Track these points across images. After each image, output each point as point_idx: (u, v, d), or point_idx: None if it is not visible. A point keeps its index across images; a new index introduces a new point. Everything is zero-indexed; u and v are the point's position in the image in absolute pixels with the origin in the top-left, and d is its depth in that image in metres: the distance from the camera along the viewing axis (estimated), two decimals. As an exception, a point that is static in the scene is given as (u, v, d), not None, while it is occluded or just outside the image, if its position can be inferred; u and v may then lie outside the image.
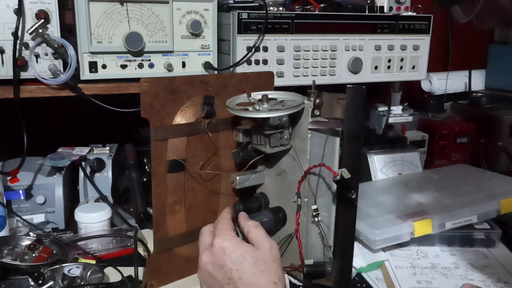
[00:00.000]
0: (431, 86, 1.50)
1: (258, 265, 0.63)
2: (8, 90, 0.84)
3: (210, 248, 0.66)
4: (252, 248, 0.65)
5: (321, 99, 0.73)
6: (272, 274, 0.63)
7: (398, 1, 1.12)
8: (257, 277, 0.62)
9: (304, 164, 0.75)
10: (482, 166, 1.30)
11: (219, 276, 0.64)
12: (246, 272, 0.63)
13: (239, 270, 0.63)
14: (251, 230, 0.68)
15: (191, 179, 0.80)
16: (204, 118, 0.78)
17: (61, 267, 0.75)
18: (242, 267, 0.63)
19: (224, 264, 0.63)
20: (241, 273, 0.62)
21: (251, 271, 0.63)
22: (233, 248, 0.64)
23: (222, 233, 0.67)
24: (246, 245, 0.66)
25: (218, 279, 0.64)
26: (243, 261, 0.63)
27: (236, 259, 0.63)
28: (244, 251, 0.64)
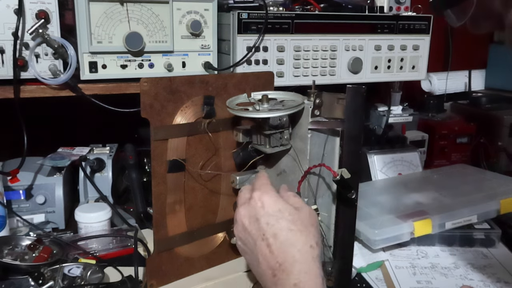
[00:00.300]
0: (431, 86, 1.50)
1: (295, 224, 0.60)
2: (8, 90, 0.84)
3: (248, 202, 0.63)
4: (292, 207, 0.62)
5: (321, 99, 0.73)
6: (310, 236, 0.60)
7: (398, 1, 1.12)
8: (293, 236, 0.59)
9: (304, 164, 0.75)
10: (482, 166, 1.30)
11: (253, 230, 0.61)
12: (282, 228, 0.59)
13: (275, 226, 0.59)
14: (291, 198, 0.65)
15: (191, 179, 0.80)
16: (204, 118, 0.79)
17: (61, 267, 0.75)
18: (278, 223, 0.59)
19: (260, 218, 0.60)
20: (277, 229, 0.59)
21: (287, 227, 0.59)
22: (272, 202, 0.61)
23: (263, 187, 0.64)
24: (286, 202, 0.63)
25: (252, 233, 0.61)
26: (280, 217, 0.60)
27: (274, 213, 0.60)
28: (283, 207, 0.61)
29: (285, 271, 0.57)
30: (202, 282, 0.81)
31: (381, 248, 0.91)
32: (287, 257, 0.57)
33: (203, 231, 0.84)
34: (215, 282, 0.81)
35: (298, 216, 0.61)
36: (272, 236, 0.59)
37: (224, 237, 0.86)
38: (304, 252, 0.58)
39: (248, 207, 0.63)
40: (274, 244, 0.58)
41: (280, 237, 0.59)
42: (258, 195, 0.63)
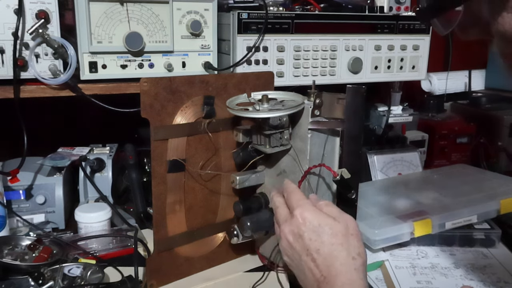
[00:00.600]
0: (431, 86, 1.50)
1: (337, 237, 0.63)
2: (8, 90, 0.84)
3: (290, 219, 0.66)
4: (331, 220, 0.65)
5: (321, 99, 0.74)
6: (350, 248, 0.62)
7: (398, 1, 1.12)
8: (335, 250, 0.62)
9: (304, 164, 0.75)
10: (482, 166, 1.30)
11: (298, 247, 0.64)
12: (324, 243, 0.62)
13: (317, 241, 0.62)
14: (324, 208, 0.67)
15: (191, 179, 0.80)
16: (204, 118, 0.79)
17: (61, 267, 0.75)
18: (320, 238, 0.63)
19: (303, 235, 0.63)
20: (319, 244, 0.62)
21: (329, 242, 0.62)
22: (313, 218, 0.64)
23: (302, 203, 0.67)
24: (326, 216, 0.65)
25: (297, 249, 0.64)
26: (322, 232, 0.63)
27: (315, 229, 0.63)
28: (323, 221, 0.64)
29: (329, 283, 0.60)
30: (202, 282, 0.81)
31: (381, 248, 0.90)
32: (331, 270, 0.61)
33: (203, 231, 0.84)
34: (215, 282, 0.81)
35: (337, 228, 0.64)
36: (316, 251, 0.62)
37: (224, 237, 0.86)
38: (347, 264, 0.61)
39: (291, 225, 0.66)
40: (318, 258, 0.62)
41: (323, 253, 0.62)
42: (299, 212, 0.65)
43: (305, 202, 0.67)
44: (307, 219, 0.64)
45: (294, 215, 0.66)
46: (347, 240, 0.63)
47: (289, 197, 0.70)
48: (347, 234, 0.64)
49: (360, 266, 0.62)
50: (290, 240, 0.65)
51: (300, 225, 0.65)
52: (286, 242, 0.66)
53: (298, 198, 0.68)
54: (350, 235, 0.64)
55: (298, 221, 0.65)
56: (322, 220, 0.64)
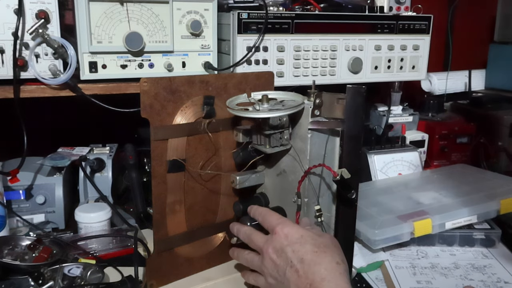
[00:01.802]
0: (431, 86, 1.50)
1: (319, 246, 0.63)
2: (8, 90, 0.84)
3: (271, 237, 0.67)
4: (313, 233, 0.66)
5: (321, 99, 0.73)
6: (334, 255, 0.63)
7: (398, 1, 1.12)
8: (318, 256, 0.62)
9: (304, 164, 0.75)
10: (482, 166, 1.29)
11: (281, 263, 0.64)
12: (307, 251, 0.62)
13: (300, 251, 0.62)
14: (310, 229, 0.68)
15: (191, 179, 0.80)
16: (204, 118, 0.79)
17: (61, 267, 0.75)
18: (303, 247, 0.63)
19: (285, 249, 0.64)
20: (302, 253, 0.62)
21: (311, 250, 0.62)
22: (294, 231, 0.65)
23: (281, 220, 0.68)
24: (307, 229, 0.66)
25: (281, 266, 0.64)
26: (304, 243, 0.63)
27: (297, 240, 0.64)
28: (304, 233, 0.65)
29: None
30: (202, 282, 0.81)
31: (381, 248, 0.90)
32: (315, 277, 0.60)
33: (203, 231, 0.84)
34: (215, 282, 0.81)
35: (320, 240, 0.65)
36: (299, 261, 0.62)
37: (224, 237, 0.86)
38: (331, 269, 0.61)
39: (272, 242, 0.66)
40: (301, 268, 0.62)
41: (306, 260, 0.62)
42: (280, 228, 0.66)
43: (284, 219, 0.69)
44: (289, 233, 0.65)
45: (276, 231, 0.66)
46: (330, 249, 0.64)
47: (265, 219, 0.71)
48: (329, 245, 0.65)
49: (344, 271, 0.62)
50: (273, 258, 0.65)
51: (282, 240, 0.65)
52: (270, 262, 0.66)
53: (276, 217, 0.70)
54: (332, 246, 0.65)
55: (279, 237, 0.65)
56: (303, 232, 0.65)
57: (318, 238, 0.65)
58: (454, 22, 1.70)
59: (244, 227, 0.75)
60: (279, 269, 0.64)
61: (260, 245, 0.69)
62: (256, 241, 0.70)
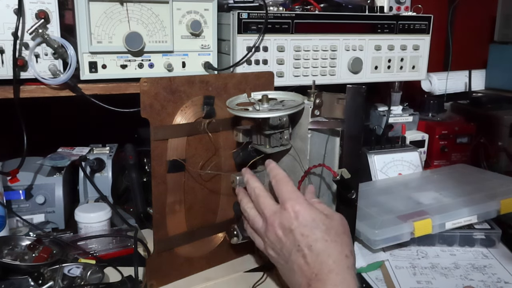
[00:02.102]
0: (431, 86, 1.50)
1: (330, 234, 0.60)
2: (8, 90, 0.84)
3: (280, 211, 0.63)
4: (324, 216, 0.62)
5: (321, 99, 0.73)
6: (344, 246, 0.60)
7: (398, 1, 1.12)
8: (328, 246, 0.59)
9: (304, 164, 0.75)
10: (482, 166, 1.29)
11: (288, 242, 0.61)
12: (317, 239, 0.59)
13: (310, 237, 0.60)
14: (316, 204, 0.65)
15: (191, 179, 0.80)
16: (204, 118, 0.78)
17: (61, 267, 0.75)
18: (313, 233, 0.60)
19: (295, 229, 0.60)
20: (312, 240, 0.59)
21: (322, 238, 0.60)
22: (306, 213, 0.61)
23: (294, 196, 0.63)
24: (319, 212, 0.63)
25: (287, 245, 0.61)
26: (315, 227, 0.60)
27: (308, 224, 0.60)
28: (317, 216, 0.61)
29: (321, 281, 0.58)
30: (202, 282, 0.81)
31: (381, 248, 0.90)
32: (323, 267, 0.58)
33: (203, 231, 0.84)
34: (215, 282, 0.81)
35: (331, 225, 0.62)
36: (307, 247, 0.59)
37: (224, 237, 0.86)
38: (339, 262, 0.59)
39: (280, 217, 0.63)
40: (309, 255, 0.59)
41: (315, 249, 0.59)
42: (291, 204, 0.62)
43: (298, 195, 0.64)
44: (300, 213, 0.61)
45: (286, 207, 0.62)
46: (340, 238, 0.61)
47: (278, 186, 0.66)
48: (340, 232, 0.62)
49: (352, 265, 0.60)
50: (279, 235, 0.62)
51: (291, 219, 0.61)
52: (274, 235, 0.63)
53: (290, 190, 0.65)
54: (342, 233, 0.62)
55: (289, 214, 0.62)
56: (315, 215, 0.62)
57: (329, 222, 0.61)
58: (454, 22, 1.70)
59: (255, 182, 0.70)
60: (283, 247, 0.62)
61: (267, 214, 0.65)
62: (263, 206, 0.66)
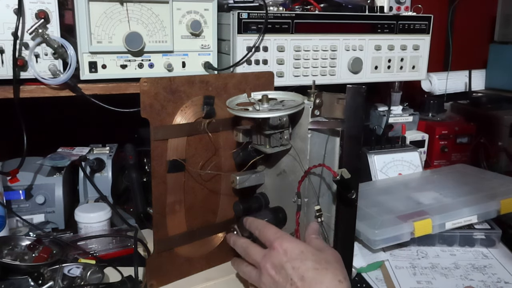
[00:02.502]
0: (431, 86, 1.50)
1: (320, 262, 0.61)
2: (8, 90, 0.84)
3: (269, 252, 0.64)
4: (313, 248, 0.64)
5: (321, 99, 0.73)
6: (336, 272, 0.60)
7: (398, 1, 1.12)
8: (319, 274, 0.59)
9: (304, 164, 0.75)
10: (482, 166, 1.29)
11: (281, 279, 0.62)
12: (308, 269, 0.60)
13: (300, 268, 0.60)
14: (313, 241, 0.67)
15: (191, 179, 0.80)
16: (204, 118, 0.78)
17: (61, 267, 0.75)
18: (304, 264, 0.61)
19: (285, 264, 0.61)
20: (303, 271, 0.60)
21: (312, 267, 0.60)
22: (293, 246, 0.63)
23: (279, 235, 0.65)
24: (307, 244, 0.64)
25: (280, 282, 0.62)
26: (304, 259, 0.61)
27: (298, 256, 0.61)
28: (305, 248, 0.63)
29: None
30: (202, 282, 0.81)
31: (381, 248, 0.90)
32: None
33: (203, 231, 0.84)
34: (215, 282, 0.81)
35: (321, 255, 0.63)
36: (300, 279, 0.60)
37: (224, 237, 0.86)
38: None
39: (271, 257, 0.64)
40: (302, 286, 0.60)
41: (307, 278, 0.60)
42: (279, 243, 0.64)
43: (283, 233, 0.67)
44: (288, 248, 0.63)
45: (274, 247, 0.64)
46: (332, 266, 0.61)
47: (263, 232, 0.68)
48: (331, 261, 0.62)
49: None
50: (272, 275, 0.63)
51: (281, 255, 0.63)
52: (268, 278, 0.64)
53: (274, 231, 0.67)
54: (334, 262, 0.63)
55: (278, 253, 0.63)
56: (303, 248, 0.63)
57: (319, 253, 0.63)
58: (454, 22, 1.70)
59: (240, 239, 0.73)
60: (278, 286, 0.62)
61: (258, 260, 0.67)
62: (253, 255, 0.68)
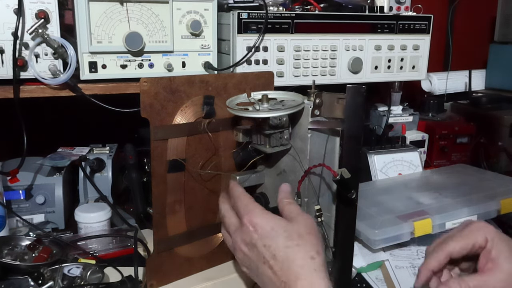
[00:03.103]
0: (431, 86, 1.50)
1: (292, 238, 0.59)
2: (8, 90, 0.84)
3: (240, 228, 0.63)
4: (284, 221, 0.62)
5: (321, 99, 0.73)
6: (308, 247, 0.59)
7: (398, 1, 1.12)
8: (291, 252, 0.58)
9: (304, 164, 0.75)
10: (482, 166, 1.30)
11: (253, 257, 0.61)
12: (279, 247, 0.59)
13: (272, 247, 0.59)
14: (286, 207, 0.65)
15: (191, 179, 0.80)
16: (204, 118, 0.78)
17: (61, 267, 0.75)
18: (274, 243, 0.59)
19: (256, 243, 0.60)
20: (274, 250, 0.59)
21: (284, 245, 0.59)
22: (265, 223, 0.61)
23: (249, 208, 0.63)
24: (277, 218, 0.62)
25: (253, 259, 0.61)
26: (275, 236, 0.60)
27: (268, 234, 0.60)
28: (275, 224, 0.61)
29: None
30: (202, 282, 0.81)
31: (381, 248, 0.90)
32: (290, 275, 0.57)
33: (203, 231, 0.84)
34: (215, 282, 0.81)
35: (293, 229, 0.61)
36: (272, 257, 0.59)
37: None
38: (305, 265, 0.58)
39: (241, 234, 0.63)
40: (275, 265, 0.59)
41: (279, 257, 0.59)
42: (248, 219, 0.62)
43: (253, 207, 0.64)
44: (258, 225, 0.61)
45: (244, 223, 0.62)
46: (303, 240, 0.60)
47: (235, 203, 0.67)
48: (303, 233, 0.61)
49: (320, 266, 0.59)
50: (244, 251, 0.62)
51: (251, 233, 0.61)
52: (241, 253, 0.63)
53: (245, 204, 0.65)
54: (306, 234, 0.61)
55: (248, 229, 0.61)
56: (274, 223, 0.61)
57: (291, 226, 0.61)
58: (454, 22, 1.70)
59: (224, 204, 0.70)
60: (251, 263, 0.62)
61: (231, 233, 0.66)
62: (227, 226, 0.67)
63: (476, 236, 0.67)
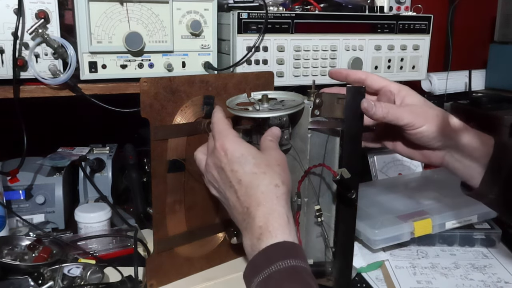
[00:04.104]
0: (431, 86, 1.50)
1: (259, 166, 0.60)
2: (8, 90, 0.84)
3: (213, 151, 0.63)
4: (255, 150, 0.62)
5: (321, 99, 0.73)
6: (274, 176, 0.59)
7: (398, 1, 1.12)
8: (256, 178, 0.59)
9: (304, 164, 0.75)
10: (482, 166, 1.29)
11: (221, 180, 0.62)
12: (246, 172, 0.59)
13: (239, 172, 0.60)
14: (265, 142, 0.66)
15: (191, 179, 0.80)
16: (204, 118, 0.78)
17: (61, 267, 0.75)
18: (242, 168, 0.60)
19: (225, 167, 0.61)
20: (241, 175, 0.59)
21: (250, 171, 0.59)
22: (235, 149, 0.61)
23: (223, 134, 0.64)
24: (249, 147, 0.63)
25: (221, 182, 0.62)
26: (244, 162, 0.60)
27: (237, 160, 0.60)
28: (246, 151, 0.61)
29: (251, 215, 0.57)
30: (202, 282, 0.81)
31: (381, 248, 0.90)
32: (252, 201, 0.58)
33: (203, 231, 0.84)
34: (215, 282, 0.81)
35: (262, 158, 0.61)
36: (237, 182, 0.59)
37: (224, 237, 0.86)
38: (268, 192, 0.58)
39: (213, 157, 0.63)
40: (239, 190, 0.59)
41: (244, 182, 0.59)
42: (220, 144, 0.63)
43: (228, 133, 0.64)
44: (229, 150, 0.61)
45: (216, 147, 0.63)
46: (271, 169, 0.60)
47: (213, 127, 0.67)
48: (272, 164, 0.61)
49: (282, 194, 0.58)
50: (214, 174, 0.63)
51: (221, 157, 0.61)
52: (211, 175, 0.64)
53: (220, 129, 0.65)
54: (275, 165, 0.61)
55: (219, 153, 0.62)
56: (244, 150, 0.61)
57: (261, 156, 0.61)
58: (454, 22, 1.70)
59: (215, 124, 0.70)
60: (220, 186, 0.63)
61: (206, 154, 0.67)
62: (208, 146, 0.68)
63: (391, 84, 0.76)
